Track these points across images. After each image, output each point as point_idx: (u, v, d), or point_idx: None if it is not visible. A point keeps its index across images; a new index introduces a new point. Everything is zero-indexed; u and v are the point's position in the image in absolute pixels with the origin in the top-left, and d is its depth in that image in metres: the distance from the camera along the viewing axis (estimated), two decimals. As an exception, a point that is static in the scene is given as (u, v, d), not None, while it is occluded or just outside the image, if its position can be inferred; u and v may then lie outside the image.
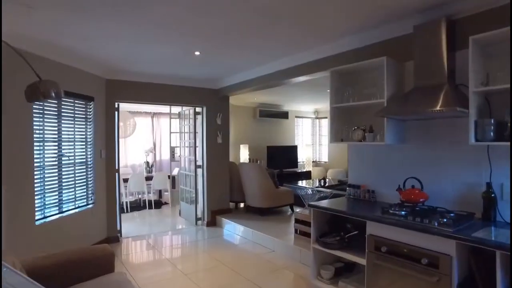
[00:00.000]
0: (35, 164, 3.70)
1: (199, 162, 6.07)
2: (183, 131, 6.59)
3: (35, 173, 3.70)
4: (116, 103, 5.16)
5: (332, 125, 3.42)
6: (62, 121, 4.22)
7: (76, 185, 4.45)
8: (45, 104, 3.90)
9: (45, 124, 3.92)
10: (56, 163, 4.12)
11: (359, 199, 3.45)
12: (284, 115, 9.59)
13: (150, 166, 8.34)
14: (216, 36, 3.44)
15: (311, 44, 3.72)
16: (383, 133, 2.98)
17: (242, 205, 6.96)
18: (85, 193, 4.58)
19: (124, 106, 8.16)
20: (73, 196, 4.41)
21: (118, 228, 5.17)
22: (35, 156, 3.69)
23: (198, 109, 6.00)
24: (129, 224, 6.25)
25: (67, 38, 3.46)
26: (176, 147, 7.10)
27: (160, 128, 9.67)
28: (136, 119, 9.25)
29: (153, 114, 9.52)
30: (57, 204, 4.12)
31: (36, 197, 3.71)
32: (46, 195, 3.97)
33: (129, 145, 9.15)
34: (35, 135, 3.70)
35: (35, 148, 3.70)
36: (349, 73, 3.44)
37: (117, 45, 3.70)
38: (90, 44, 3.67)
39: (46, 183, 3.94)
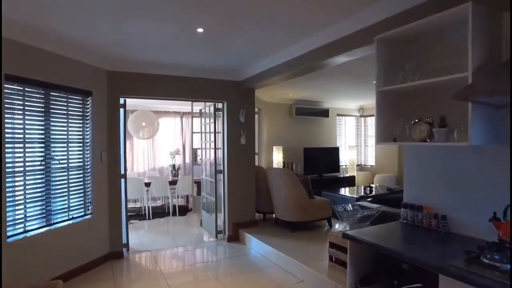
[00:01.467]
0: (7, 170, 3.05)
1: (220, 167, 5.21)
2: (204, 130, 5.78)
3: (8, 180, 3.05)
4: (122, 99, 4.46)
5: (380, 118, 2.33)
6: (52, 119, 3.57)
7: (70, 193, 3.78)
8: (26, 98, 3.26)
9: (26, 122, 3.28)
10: (43, 167, 3.47)
11: (421, 226, 2.32)
12: (324, 113, 8.44)
13: (176, 169, 7.67)
14: (225, 3, 2.52)
15: (355, 9, 2.65)
16: (464, 127, 1.85)
17: (274, 215, 5.99)
18: (81, 202, 3.90)
19: (148, 105, 7.57)
20: (66, 206, 3.75)
21: (124, 241, 4.46)
22: (7, 160, 3.04)
23: (218, 105, 5.14)
24: (144, 234, 5.56)
25: (54, 20, 2.75)
26: (198, 149, 6.36)
27: (190, 129, 8.99)
28: (164, 120, 8.68)
29: (182, 114, 8.88)
30: (43, 215, 3.47)
31: (7, 209, 3.05)
32: (28, 205, 3.32)
33: (157, 147, 8.59)
34: (7, 135, 3.05)
35: (6, 150, 3.04)
36: (407, 41, 2.33)
37: (111, 23, 2.93)
38: (79, 26, 2.95)
39: (27, 192, 3.30)
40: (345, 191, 6.42)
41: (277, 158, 7.48)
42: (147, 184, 6.77)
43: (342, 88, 6.46)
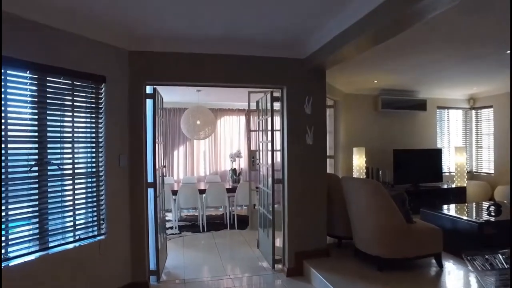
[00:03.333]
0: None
1: (279, 174, 3.87)
2: (260, 128, 4.50)
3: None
4: (150, 87, 3.46)
5: None
6: (49, 112, 2.68)
7: (77, 206, 2.86)
8: (8, 84, 2.40)
9: (9, 115, 2.42)
10: (36, 174, 2.60)
11: None
12: (420, 105, 6.44)
13: (237, 174, 6.57)
14: None
15: None
16: None
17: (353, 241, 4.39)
18: (91, 219, 2.97)
19: (206, 103, 6.60)
20: (72, 224, 2.84)
21: (152, 267, 3.42)
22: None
23: (276, 93, 3.81)
24: (189, 253, 4.49)
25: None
26: (256, 151, 5.13)
27: (248, 128, 7.84)
28: (226, 118, 7.68)
29: (248, 112, 7.75)
30: (35, 236, 2.59)
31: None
32: (13, 223, 2.46)
33: (219, 149, 7.63)
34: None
35: (-33, 151, 2.19)
36: None
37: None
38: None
39: (11, 206, 2.43)
40: (455, 210, 4.49)
41: (358, 162, 5.81)
42: (203, 191, 5.79)
43: (447, 68, 4.54)
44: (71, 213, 2.81)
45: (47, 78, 2.64)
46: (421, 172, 6.22)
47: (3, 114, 2.33)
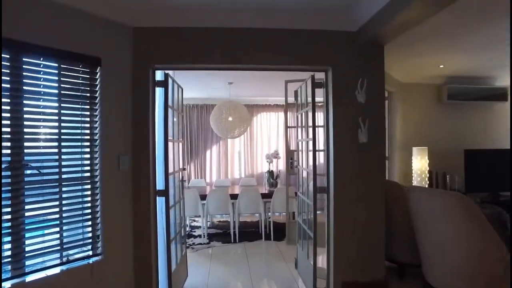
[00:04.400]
0: None
1: (323, 181, 3.00)
2: (300, 123, 3.65)
3: None
4: (160, 72, 2.78)
5: None
6: (25, 102, 2.08)
7: (64, 221, 2.25)
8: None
9: (-32, 103, 1.85)
10: (9, 180, 2.01)
11: None
12: (499, 95, 5.14)
13: (274, 177, 5.77)
14: None
15: None
16: None
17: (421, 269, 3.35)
18: (84, 236, 2.33)
19: (239, 99, 5.86)
20: (58, 243, 2.23)
21: (164, 294, 2.74)
22: None
23: (318, 77, 2.94)
24: (215, 270, 3.75)
25: None
26: (295, 151, 4.28)
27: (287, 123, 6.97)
28: (263, 115, 6.90)
29: (285, 105, 6.90)
30: (7, 260, 2.00)
31: None
32: (-25, 245, 1.89)
33: (255, 149, 6.88)
34: None
35: None
36: None
37: None
38: None
39: (-28, 223, 1.86)
40: None
41: (420, 165, 4.72)
42: (235, 196, 5.06)
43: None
44: (56, 229, 2.20)
45: (24, 59, 2.05)
46: (500, 178, 4.94)
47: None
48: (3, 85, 1.94)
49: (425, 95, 5.12)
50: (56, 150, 2.20)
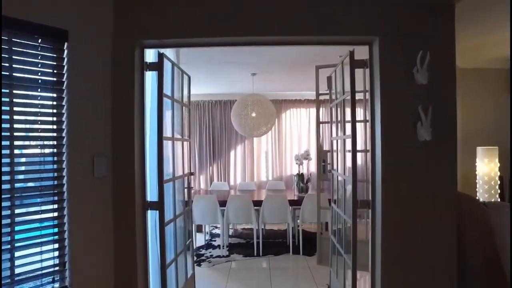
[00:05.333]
0: None
1: (363, 191, 2.23)
2: (333, 118, 2.87)
3: None
4: (153, 52, 2.16)
5: None
6: (-38, 85, 1.55)
7: (17, 244, 1.69)
8: None
9: None
10: None
11: None
12: None
13: (305, 182, 5.00)
14: None
15: None
16: None
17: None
18: (44, 264, 1.76)
19: (265, 92, 5.15)
20: (8, 274, 1.67)
21: (158, 338, 2.11)
22: None
23: (359, 51, 2.16)
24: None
25: None
26: (328, 151, 3.50)
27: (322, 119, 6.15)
28: (293, 111, 6.15)
29: (320, 102, 6.10)
30: None
31: None
32: None
33: (284, 148, 6.14)
34: None
35: None
36: None
37: None
38: None
39: None
40: None
41: (487, 170, 3.73)
42: (259, 203, 4.38)
43: None
44: (7, 255, 1.65)
45: (-43, 30, 1.51)
46: None
47: None
48: None
49: (489, 84, 4.10)
50: (7, 152, 1.64)
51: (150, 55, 2.24)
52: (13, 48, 1.65)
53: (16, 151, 1.67)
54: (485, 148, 3.78)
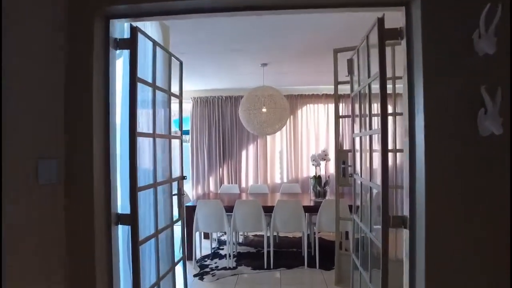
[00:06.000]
0: None
1: (396, 202, 1.67)
2: (356, 110, 2.31)
3: None
4: (124, 24, 1.70)
5: None
6: None
7: None
8: None
9: None
10: None
11: None
12: None
13: (322, 185, 4.43)
14: None
15: None
16: None
17: None
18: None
19: (277, 86, 4.61)
20: None
21: None
22: None
23: (389, 17, 1.61)
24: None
25: None
26: (349, 151, 2.91)
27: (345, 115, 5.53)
28: (310, 107, 5.58)
29: (340, 97, 5.50)
30: None
31: None
32: None
33: (300, 148, 5.58)
34: None
35: None
36: None
37: None
38: None
39: None
40: None
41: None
42: (270, 209, 3.86)
43: None
44: None
45: None
46: None
47: None
48: None
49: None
50: None
51: (124, 31, 1.78)
52: None
53: None
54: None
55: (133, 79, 1.65)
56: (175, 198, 2.18)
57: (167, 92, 2.09)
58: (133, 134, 1.65)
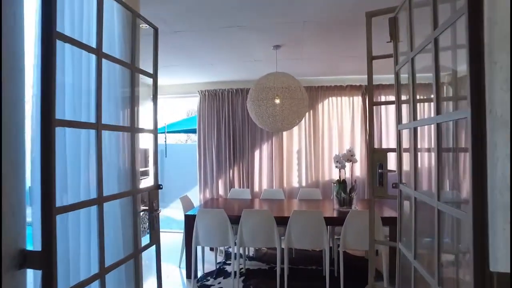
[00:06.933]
0: None
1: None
2: (400, 95, 1.59)
3: None
4: None
5: None
6: None
7: None
8: None
9: None
10: None
11: None
12: None
13: (348, 191, 3.67)
14: None
15: None
16: None
17: None
18: None
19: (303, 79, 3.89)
20: None
21: None
22: None
23: None
24: None
25: None
26: (386, 151, 2.15)
27: (387, 116, 4.68)
28: (333, 100, 4.81)
29: (365, 89, 4.69)
30: None
31: None
32: None
33: (321, 147, 4.82)
34: None
35: None
36: None
37: None
38: None
39: None
40: None
41: None
42: (284, 221, 3.15)
43: None
44: None
45: None
46: None
47: None
48: None
49: None
50: None
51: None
52: None
53: None
54: None
55: (48, 31, 1.01)
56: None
57: (128, 66, 1.45)
58: (48, 122, 1.01)
